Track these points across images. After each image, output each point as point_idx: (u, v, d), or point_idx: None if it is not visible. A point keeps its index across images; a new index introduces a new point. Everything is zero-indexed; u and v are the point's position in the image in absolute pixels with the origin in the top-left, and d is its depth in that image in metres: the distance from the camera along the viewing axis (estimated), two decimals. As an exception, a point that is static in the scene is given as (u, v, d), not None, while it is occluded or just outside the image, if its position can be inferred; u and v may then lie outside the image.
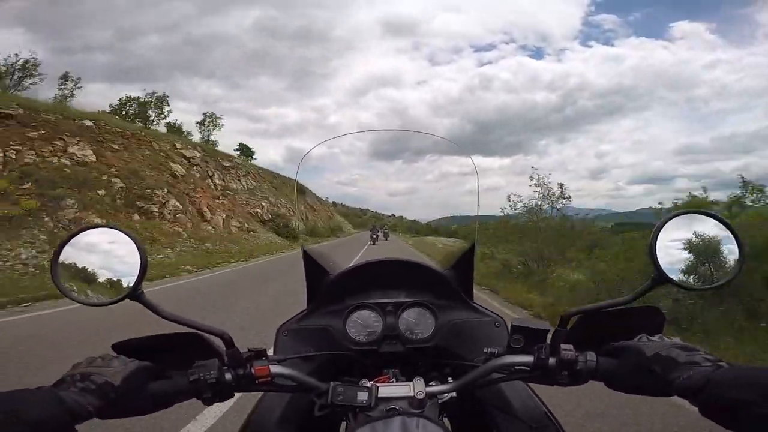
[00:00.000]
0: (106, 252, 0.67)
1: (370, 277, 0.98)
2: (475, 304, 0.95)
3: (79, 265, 0.65)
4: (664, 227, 0.61)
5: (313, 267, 0.98)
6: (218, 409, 2.59)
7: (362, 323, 0.91)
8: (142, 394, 0.59)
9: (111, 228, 0.66)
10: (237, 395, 0.67)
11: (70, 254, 0.65)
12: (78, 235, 0.66)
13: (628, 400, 2.45)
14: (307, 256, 0.98)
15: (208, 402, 0.63)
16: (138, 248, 0.63)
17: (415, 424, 0.54)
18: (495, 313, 0.92)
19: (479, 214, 1.09)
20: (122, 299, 0.62)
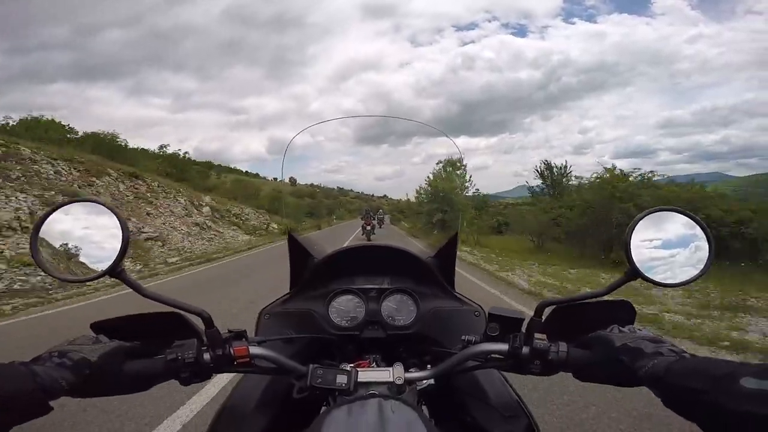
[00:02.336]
0: (88, 227, 0.65)
1: (355, 262, 0.99)
2: (456, 293, 0.96)
3: (60, 240, 0.64)
4: (639, 224, 0.62)
5: (297, 251, 0.98)
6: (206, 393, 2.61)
7: (345, 308, 0.92)
8: (119, 373, 0.59)
9: (93, 202, 0.64)
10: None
11: (50, 228, 0.63)
12: (59, 209, 0.64)
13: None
14: (292, 239, 0.98)
15: (186, 382, 0.63)
16: (120, 223, 0.61)
17: (391, 406, 0.54)
18: (475, 303, 0.94)
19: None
20: (102, 276, 0.61)
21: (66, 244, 0.65)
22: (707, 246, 0.63)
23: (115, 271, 0.60)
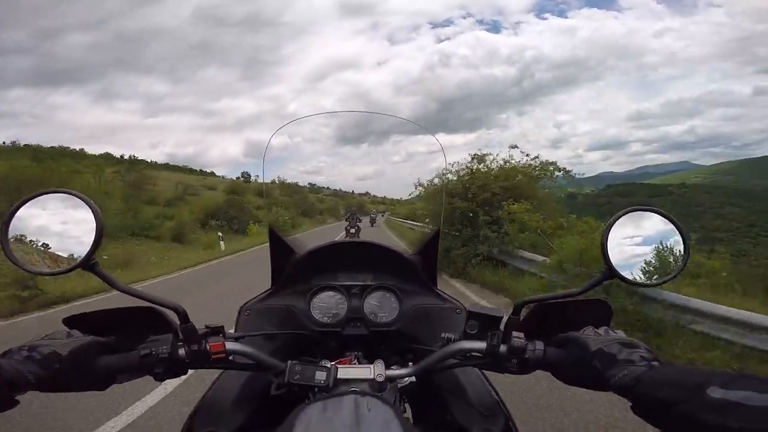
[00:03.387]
0: (60, 218, 0.63)
1: (337, 258, 0.98)
2: (438, 291, 0.96)
3: (31, 233, 0.63)
4: (616, 223, 0.63)
5: (279, 246, 0.97)
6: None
7: (327, 304, 0.91)
8: (91, 369, 0.58)
9: (66, 193, 0.62)
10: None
11: (21, 221, 0.61)
12: (31, 201, 0.62)
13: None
14: (273, 234, 0.97)
15: (160, 378, 0.62)
16: (94, 214, 0.59)
17: (367, 404, 0.54)
18: (457, 300, 0.94)
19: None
20: (74, 269, 0.60)
21: (38, 237, 0.63)
22: (683, 246, 0.63)
23: (87, 263, 0.59)
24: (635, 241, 0.65)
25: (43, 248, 0.64)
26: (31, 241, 0.63)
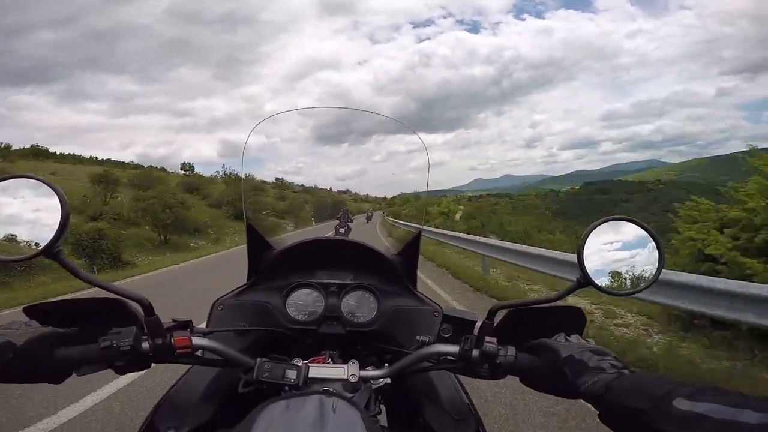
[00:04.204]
0: (24, 204, 0.61)
1: (316, 255, 0.96)
2: (417, 293, 0.95)
3: None
4: (592, 232, 0.63)
5: (256, 240, 0.95)
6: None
7: (303, 302, 0.90)
8: (48, 360, 0.56)
9: (30, 178, 0.60)
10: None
11: None
12: None
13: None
14: (251, 228, 0.95)
15: (121, 371, 0.61)
16: (60, 200, 0.57)
17: (332, 404, 0.52)
18: (435, 303, 0.93)
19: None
20: (36, 256, 0.57)
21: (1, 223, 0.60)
22: (657, 254, 0.64)
23: (51, 251, 0.56)
24: (611, 249, 0.65)
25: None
26: None
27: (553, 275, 4.99)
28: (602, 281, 0.63)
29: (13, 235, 0.61)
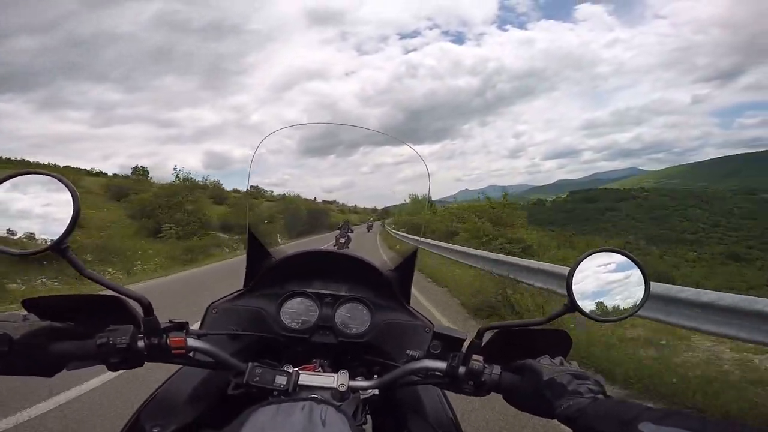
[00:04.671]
0: (35, 200, 0.62)
1: (313, 266, 0.98)
2: (410, 308, 0.97)
3: (4, 213, 0.61)
4: (582, 262, 0.66)
5: (256, 248, 0.97)
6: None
7: (297, 311, 0.91)
8: (43, 354, 0.57)
9: (43, 174, 0.61)
10: None
11: None
12: (5, 182, 0.60)
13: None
14: (251, 236, 0.96)
15: (114, 368, 0.61)
16: (72, 196, 0.58)
17: (321, 411, 0.53)
18: (427, 319, 0.94)
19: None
20: (44, 251, 0.58)
21: (10, 217, 0.62)
22: (643, 284, 0.67)
23: (60, 246, 0.57)
24: (598, 278, 0.68)
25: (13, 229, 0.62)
26: (5, 220, 0.61)
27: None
28: (589, 308, 0.66)
29: (21, 228, 0.62)
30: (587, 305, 0.65)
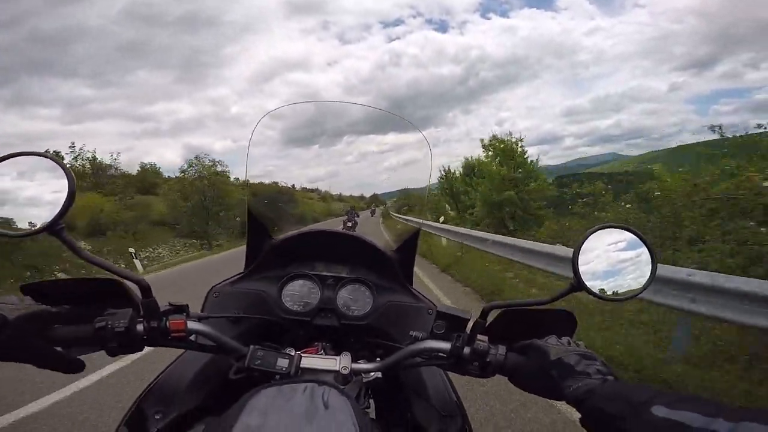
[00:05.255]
0: (29, 180, 0.61)
1: (314, 247, 0.97)
2: (412, 289, 0.96)
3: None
4: (587, 239, 0.64)
5: (256, 229, 0.95)
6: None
7: (299, 293, 0.90)
8: (39, 338, 0.55)
9: (37, 155, 0.59)
10: None
11: None
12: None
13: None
14: (251, 216, 0.94)
15: (113, 353, 0.60)
16: (67, 177, 0.56)
17: (323, 393, 0.52)
18: (429, 300, 0.93)
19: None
20: (39, 232, 0.56)
21: (3, 198, 0.60)
22: (650, 263, 0.65)
23: (54, 227, 0.55)
24: (605, 256, 0.66)
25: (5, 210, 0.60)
26: None
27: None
28: (595, 286, 0.64)
29: (14, 209, 0.60)
30: (593, 283, 0.64)
